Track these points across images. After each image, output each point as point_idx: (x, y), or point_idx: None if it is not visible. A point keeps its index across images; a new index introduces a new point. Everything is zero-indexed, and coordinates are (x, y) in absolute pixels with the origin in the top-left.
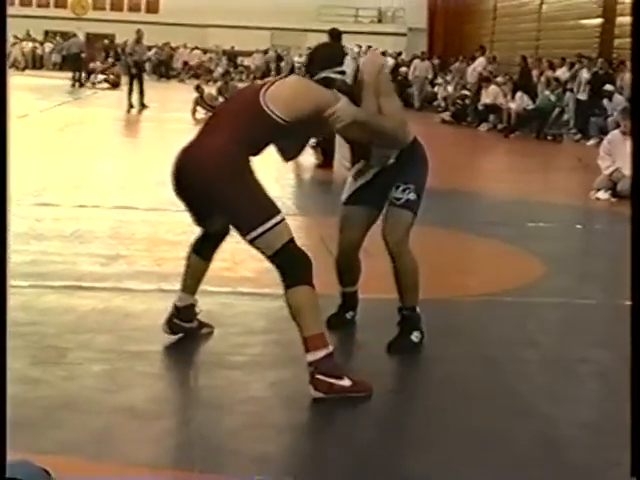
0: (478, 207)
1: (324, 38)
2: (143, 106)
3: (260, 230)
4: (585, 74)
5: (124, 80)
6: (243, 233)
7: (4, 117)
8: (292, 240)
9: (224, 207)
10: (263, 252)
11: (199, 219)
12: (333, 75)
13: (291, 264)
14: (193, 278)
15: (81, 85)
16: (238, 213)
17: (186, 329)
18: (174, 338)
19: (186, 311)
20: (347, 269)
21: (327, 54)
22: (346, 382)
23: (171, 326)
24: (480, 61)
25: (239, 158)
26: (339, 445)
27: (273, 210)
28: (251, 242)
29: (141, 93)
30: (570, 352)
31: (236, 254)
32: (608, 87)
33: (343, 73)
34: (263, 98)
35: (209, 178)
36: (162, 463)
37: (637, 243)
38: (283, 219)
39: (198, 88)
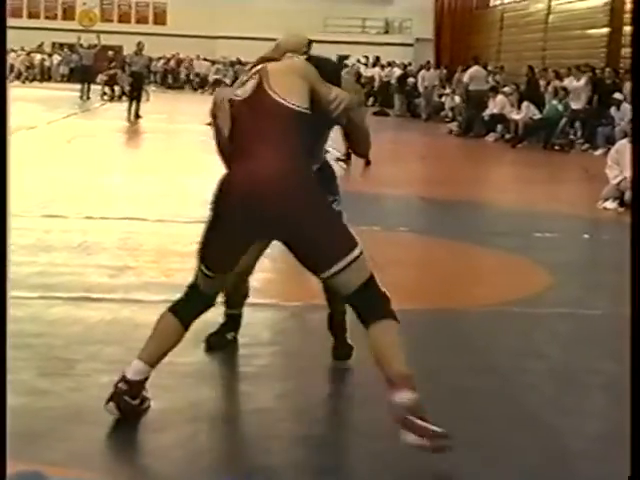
0: (485, 218)
1: (331, 49)
2: (138, 116)
3: (351, 257)
4: (575, 82)
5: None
6: (322, 268)
7: (4, 125)
8: (373, 276)
9: (303, 237)
10: (341, 288)
11: (232, 260)
12: None
13: (378, 295)
14: (161, 347)
15: (88, 98)
16: (319, 244)
17: (132, 407)
18: (182, 350)
19: (138, 386)
20: (235, 291)
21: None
22: (432, 427)
23: (118, 403)
24: (470, 71)
25: (308, 175)
26: (346, 456)
27: (353, 240)
28: (335, 274)
29: (137, 103)
30: (577, 363)
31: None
32: (617, 96)
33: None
34: (275, 93)
35: (289, 206)
36: (170, 475)
37: (637, 247)
38: (362, 251)
39: None
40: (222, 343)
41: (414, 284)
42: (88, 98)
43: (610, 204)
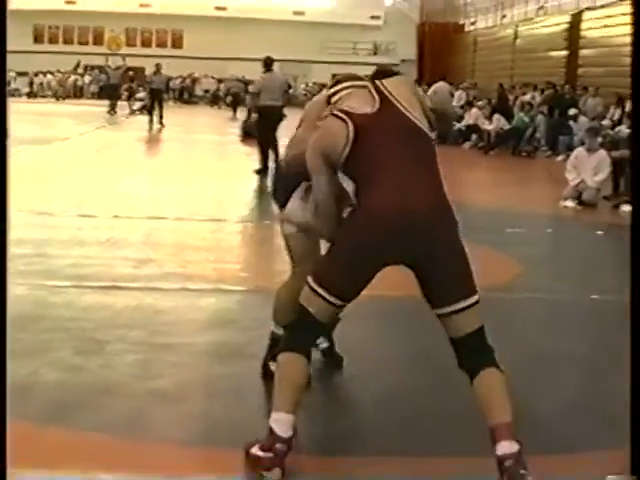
0: (463, 215)
1: (326, 68)
2: (162, 126)
3: (472, 300)
4: (527, 97)
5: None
6: (445, 303)
7: (4, 129)
8: (483, 326)
9: (438, 269)
10: (454, 329)
11: (364, 286)
12: None
13: (488, 348)
14: (296, 390)
15: (115, 112)
16: (449, 279)
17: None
18: (198, 332)
19: (292, 440)
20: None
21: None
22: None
23: (282, 467)
24: (434, 86)
25: (449, 204)
26: (348, 425)
27: (475, 285)
28: (454, 313)
29: (160, 116)
30: (544, 342)
31: (248, 257)
32: (572, 111)
33: None
34: (406, 110)
35: (436, 238)
36: (189, 441)
37: (637, 247)
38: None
39: None
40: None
41: (402, 274)
42: (115, 112)
43: (570, 203)
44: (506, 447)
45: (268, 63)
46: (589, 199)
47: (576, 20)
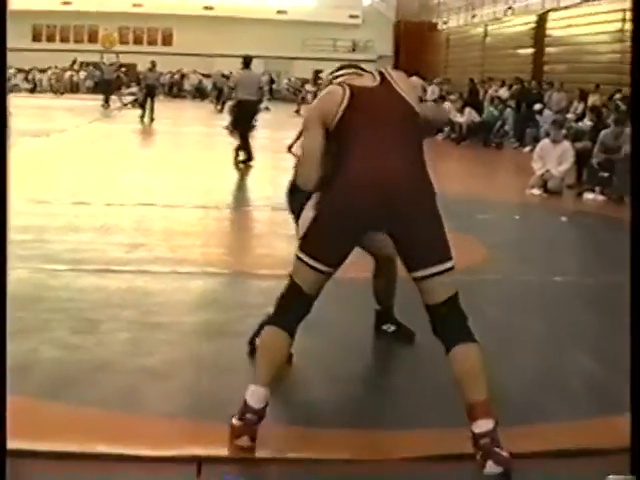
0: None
1: (308, 64)
2: (152, 120)
3: (447, 265)
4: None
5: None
6: (421, 266)
7: (4, 124)
8: (458, 293)
9: (415, 235)
10: (429, 294)
11: (347, 252)
12: None
13: (463, 316)
14: (274, 363)
15: (108, 106)
16: (426, 244)
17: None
18: (186, 312)
19: (263, 412)
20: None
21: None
22: (505, 452)
23: (252, 435)
24: None
25: (429, 178)
26: (322, 396)
27: (451, 252)
28: (429, 277)
29: (152, 110)
30: (511, 321)
31: (233, 242)
32: (538, 105)
33: None
34: (402, 90)
35: (414, 206)
36: (178, 414)
37: (637, 247)
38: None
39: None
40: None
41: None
42: (109, 106)
43: (536, 191)
44: (482, 425)
45: (247, 61)
46: (554, 187)
47: (542, 20)
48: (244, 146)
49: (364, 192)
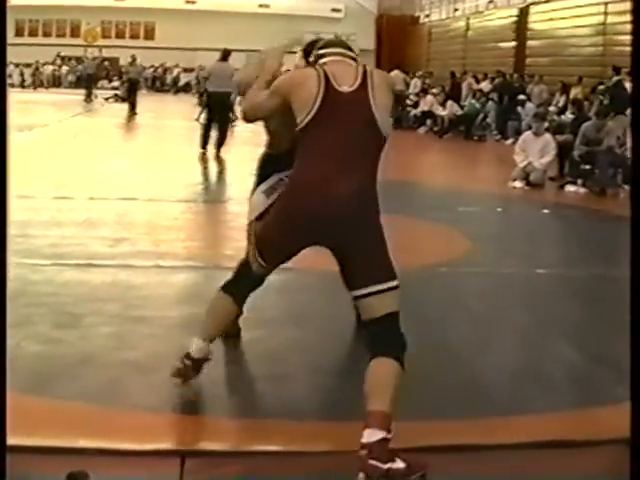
0: (419, 195)
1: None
2: (135, 113)
3: (388, 285)
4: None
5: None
6: (361, 285)
7: (4, 123)
8: (398, 313)
9: (357, 253)
10: (367, 311)
11: (288, 257)
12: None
13: (397, 334)
14: (219, 324)
15: (91, 100)
16: (367, 263)
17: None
18: (169, 305)
19: (201, 362)
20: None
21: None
22: (400, 464)
23: (184, 376)
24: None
25: (376, 197)
26: (302, 388)
27: (394, 272)
28: (369, 295)
29: (134, 104)
30: (493, 312)
31: (214, 235)
32: (521, 97)
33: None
34: (376, 108)
35: (358, 224)
36: (161, 408)
37: (637, 247)
38: (399, 285)
39: None
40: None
41: None
42: (91, 100)
43: (518, 184)
44: (367, 435)
45: (225, 54)
46: (536, 180)
47: (523, 13)
48: (220, 138)
49: (311, 203)
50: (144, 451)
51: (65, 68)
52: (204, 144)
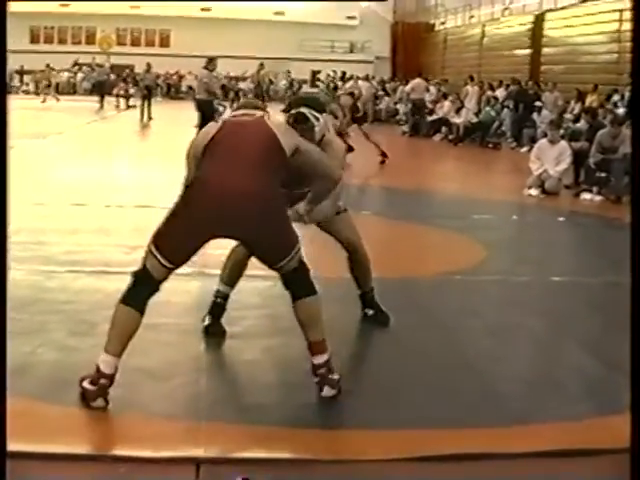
0: (433, 203)
1: (306, 65)
2: (150, 118)
3: (289, 257)
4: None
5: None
6: (276, 262)
7: (4, 126)
8: (303, 262)
9: (260, 240)
10: (284, 270)
11: (192, 254)
12: (309, 114)
13: (307, 280)
14: (123, 337)
15: (102, 107)
16: (272, 246)
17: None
18: (184, 312)
19: (113, 376)
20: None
21: (313, 99)
22: (337, 376)
23: (105, 397)
24: (412, 83)
25: (272, 192)
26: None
27: (296, 236)
28: (281, 267)
29: (149, 110)
30: (507, 321)
31: (230, 242)
32: (538, 104)
33: (317, 120)
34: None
35: (255, 221)
36: (176, 415)
37: (637, 246)
38: (299, 244)
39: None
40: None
41: (374, 257)
42: (102, 107)
43: (533, 191)
44: (319, 358)
45: (208, 61)
46: (551, 188)
47: (539, 20)
48: None
49: (206, 204)
50: (159, 458)
51: (80, 75)
52: None
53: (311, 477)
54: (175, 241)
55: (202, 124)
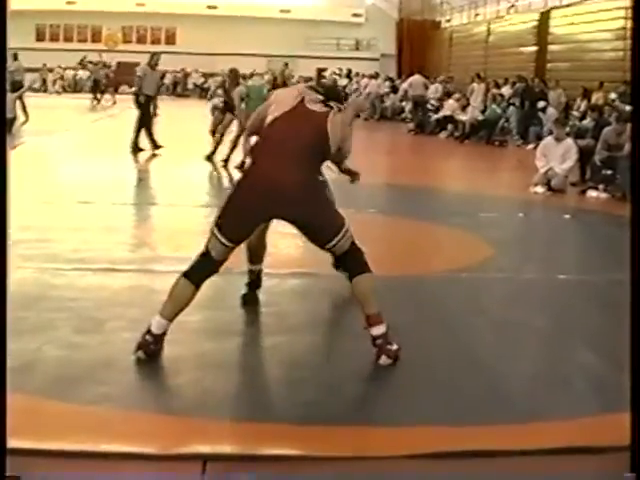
0: (439, 200)
1: (311, 63)
2: (155, 115)
3: (339, 236)
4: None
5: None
6: (326, 242)
7: (3, 126)
8: (354, 241)
9: (310, 220)
10: (335, 253)
11: (249, 233)
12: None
13: (359, 257)
14: (178, 305)
15: (98, 103)
16: (323, 226)
17: (155, 352)
18: (190, 310)
19: (161, 337)
20: (259, 250)
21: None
22: (395, 346)
23: (146, 351)
24: (409, 79)
25: (315, 178)
26: (323, 393)
27: (343, 219)
28: (331, 248)
29: (155, 107)
30: (513, 318)
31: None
32: (541, 103)
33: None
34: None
35: (301, 205)
36: (182, 412)
37: (637, 246)
38: (349, 225)
39: None
40: (254, 299)
41: (381, 255)
42: (98, 103)
43: (539, 189)
44: (377, 329)
45: (150, 58)
46: (557, 185)
47: (544, 18)
48: (149, 137)
49: (260, 190)
50: (166, 455)
51: (86, 73)
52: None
53: (318, 474)
54: (233, 221)
55: (141, 120)
